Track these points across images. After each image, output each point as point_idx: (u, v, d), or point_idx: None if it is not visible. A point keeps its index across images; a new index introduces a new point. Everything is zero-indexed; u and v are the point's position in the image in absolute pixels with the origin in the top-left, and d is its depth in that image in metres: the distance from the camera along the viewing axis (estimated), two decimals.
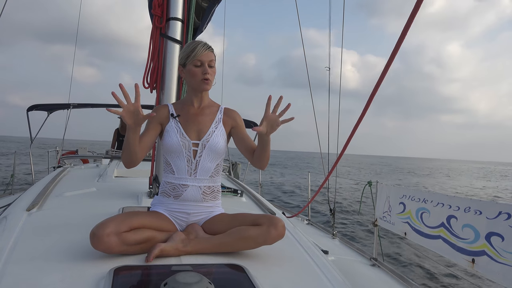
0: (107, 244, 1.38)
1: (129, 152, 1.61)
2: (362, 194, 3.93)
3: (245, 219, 1.64)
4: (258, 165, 1.76)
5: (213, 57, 1.75)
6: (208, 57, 1.72)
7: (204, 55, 1.71)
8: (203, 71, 1.71)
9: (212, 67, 1.75)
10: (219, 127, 1.79)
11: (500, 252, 1.93)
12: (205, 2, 2.86)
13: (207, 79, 1.73)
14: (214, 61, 1.76)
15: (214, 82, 1.85)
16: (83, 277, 1.28)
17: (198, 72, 1.72)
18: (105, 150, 5.51)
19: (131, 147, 1.60)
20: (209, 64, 1.72)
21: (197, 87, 1.76)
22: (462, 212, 2.19)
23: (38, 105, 6.03)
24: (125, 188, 2.82)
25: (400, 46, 1.78)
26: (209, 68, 1.72)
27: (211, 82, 1.75)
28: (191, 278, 1.17)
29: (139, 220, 1.52)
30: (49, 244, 1.56)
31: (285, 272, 1.50)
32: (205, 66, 1.71)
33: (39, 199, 2.28)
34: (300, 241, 1.90)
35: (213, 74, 1.76)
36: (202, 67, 1.72)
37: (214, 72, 1.77)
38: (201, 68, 1.72)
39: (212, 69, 1.75)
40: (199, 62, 1.71)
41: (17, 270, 1.31)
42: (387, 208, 3.03)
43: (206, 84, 1.74)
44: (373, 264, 2.94)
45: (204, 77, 1.72)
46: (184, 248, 1.53)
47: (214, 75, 1.78)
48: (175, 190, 1.72)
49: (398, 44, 1.79)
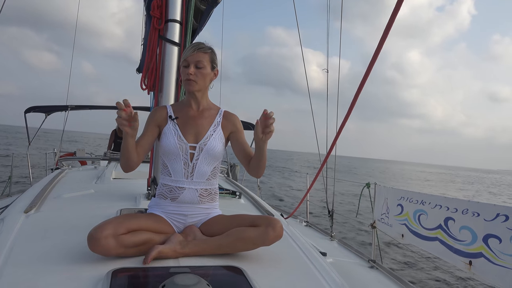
0: (105, 247, 1.38)
1: (127, 158, 1.61)
2: (360, 195, 3.93)
3: (243, 221, 1.64)
4: (254, 173, 1.75)
5: (201, 58, 1.71)
6: (195, 58, 1.70)
7: (190, 56, 1.70)
8: (186, 72, 1.71)
9: (200, 68, 1.72)
10: (217, 130, 1.78)
11: (497, 254, 1.94)
12: (203, 4, 2.86)
13: (189, 80, 1.71)
14: (204, 62, 1.72)
15: (211, 85, 1.84)
16: (80, 279, 1.27)
17: (183, 73, 1.72)
18: (103, 152, 5.51)
19: (129, 153, 1.59)
20: (196, 65, 1.71)
21: (185, 88, 1.76)
22: (460, 214, 2.20)
23: (36, 107, 6.02)
24: (123, 190, 2.81)
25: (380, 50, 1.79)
26: (196, 69, 1.71)
27: (194, 83, 1.72)
28: (189, 280, 1.17)
29: (137, 222, 1.52)
30: (46, 246, 1.55)
31: (283, 274, 1.50)
32: (190, 66, 1.70)
33: (37, 201, 2.27)
34: (298, 243, 1.90)
35: (199, 75, 1.72)
36: (187, 68, 1.71)
37: (202, 73, 1.73)
38: (187, 69, 1.71)
39: (199, 70, 1.72)
40: (186, 63, 1.71)
41: (15, 272, 1.30)
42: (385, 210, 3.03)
43: (188, 84, 1.72)
44: (371, 266, 2.94)
45: (187, 77, 1.71)
46: (182, 250, 1.53)
47: (202, 77, 1.73)
48: (172, 192, 1.72)
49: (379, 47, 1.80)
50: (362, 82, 1.99)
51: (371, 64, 1.87)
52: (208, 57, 1.75)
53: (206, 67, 1.73)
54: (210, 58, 1.76)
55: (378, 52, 1.81)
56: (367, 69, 1.92)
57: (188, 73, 1.70)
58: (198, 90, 1.76)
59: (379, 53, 1.82)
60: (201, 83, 1.74)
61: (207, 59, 1.74)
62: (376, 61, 1.85)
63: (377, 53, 1.82)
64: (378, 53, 1.82)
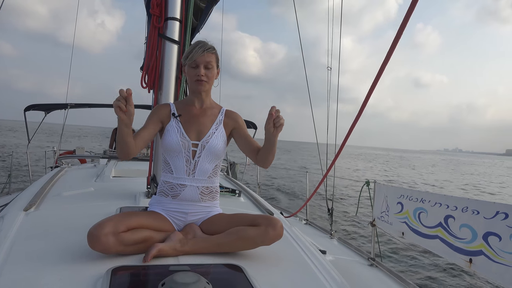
0: (105, 244, 1.38)
1: (122, 145, 1.56)
2: (360, 193, 3.93)
3: (243, 220, 1.64)
4: (262, 164, 1.74)
5: (210, 59, 1.73)
6: (204, 59, 1.71)
7: (199, 57, 1.71)
8: (196, 73, 1.72)
9: (209, 68, 1.74)
10: (219, 128, 1.79)
11: (497, 252, 1.94)
12: (203, 2, 2.86)
13: (200, 81, 1.73)
14: (212, 62, 1.75)
15: (217, 84, 1.85)
16: (80, 277, 1.27)
17: (192, 73, 1.73)
18: (103, 150, 5.51)
19: (123, 140, 1.54)
20: (205, 65, 1.72)
21: (193, 88, 1.78)
22: (460, 212, 2.20)
23: (35, 105, 6.03)
24: (123, 188, 2.81)
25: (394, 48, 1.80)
26: (205, 70, 1.73)
27: (206, 83, 1.75)
28: (189, 278, 1.17)
29: (136, 220, 1.52)
30: (46, 244, 1.55)
31: (283, 272, 1.50)
32: (200, 68, 1.71)
33: (37, 199, 2.27)
34: (298, 241, 1.90)
35: (210, 75, 1.75)
36: (197, 69, 1.72)
37: (213, 73, 1.77)
38: (196, 69, 1.72)
39: (209, 71, 1.74)
40: (194, 64, 1.72)
41: (14, 270, 1.30)
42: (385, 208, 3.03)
43: (199, 85, 1.74)
44: (371, 264, 2.94)
45: (196, 79, 1.73)
46: (182, 248, 1.53)
47: (212, 76, 1.77)
48: (173, 189, 1.72)
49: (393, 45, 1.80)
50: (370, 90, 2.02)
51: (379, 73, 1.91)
52: (215, 57, 1.77)
53: (214, 67, 1.76)
54: (216, 58, 1.78)
55: (386, 62, 1.85)
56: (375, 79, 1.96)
57: (200, 74, 1.72)
58: (207, 90, 1.79)
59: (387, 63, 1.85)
60: (210, 83, 1.78)
61: (214, 59, 1.76)
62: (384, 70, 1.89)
63: (385, 63, 1.85)
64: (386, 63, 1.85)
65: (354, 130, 2.36)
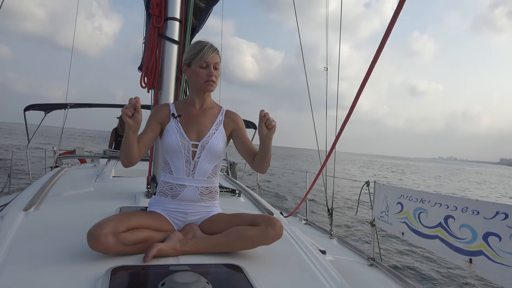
0: (105, 244, 1.38)
1: (127, 152, 1.59)
2: (360, 193, 3.93)
3: (243, 219, 1.64)
4: (259, 169, 1.76)
5: (218, 60, 1.75)
6: (214, 60, 1.72)
7: (210, 58, 1.71)
8: (208, 73, 1.72)
9: (217, 69, 1.75)
10: (219, 129, 1.79)
11: (497, 252, 1.94)
12: (203, 2, 2.86)
13: (212, 81, 1.74)
14: (219, 63, 1.76)
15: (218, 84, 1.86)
16: (80, 277, 1.27)
17: (203, 74, 1.72)
18: (103, 150, 5.50)
19: (130, 147, 1.58)
20: (214, 66, 1.73)
21: (200, 88, 1.77)
22: (460, 212, 2.20)
23: (35, 105, 6.02)
24: (123, 188, 2.81)
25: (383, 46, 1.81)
26: (214, 70, 1.73)
27: (215, 84, 1.76)
28: (188, 278, 1.17)
29: (136, 220, 1.52)
30: (46, 244, 1.55)
31: (282, 272, 1.50)
32: (211, 68, 1.72)
33: (36, 199, 2.27)
34: (298, 241, 1.90)
35: (217, 75, 1.77)
36: (207, 69, 1.72)
37: (219, 74, 1.78)
38: (206, 70, 1.72)
39: (217, 71, 1.76)
40: (205, 64, 1.72)
41: (14, 270, 1.30)
42: (384, 208, 3.03)
43: (210, 85, 1.75)
44: (371, 264, 2.94)
45: (208, 79, 1.73)
46: (182, 248, 1.53)
47: (218, 77, 1.78)
48: (173, 190, 1.72)
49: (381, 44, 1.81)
50: (358, 93, 2.04)
51: (367, 75, 1.92)
52: (219, 58, 1.78)
53: (219, 67, 1.78)
54: (220, 58, 1.79)
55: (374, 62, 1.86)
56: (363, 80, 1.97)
57: (211, 75, 1.72)
58: (213, 90, 1.81)
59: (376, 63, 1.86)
60: (217, 83, 1.79)
61: (219, 60, 1.77)
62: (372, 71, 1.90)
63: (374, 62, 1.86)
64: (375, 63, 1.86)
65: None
